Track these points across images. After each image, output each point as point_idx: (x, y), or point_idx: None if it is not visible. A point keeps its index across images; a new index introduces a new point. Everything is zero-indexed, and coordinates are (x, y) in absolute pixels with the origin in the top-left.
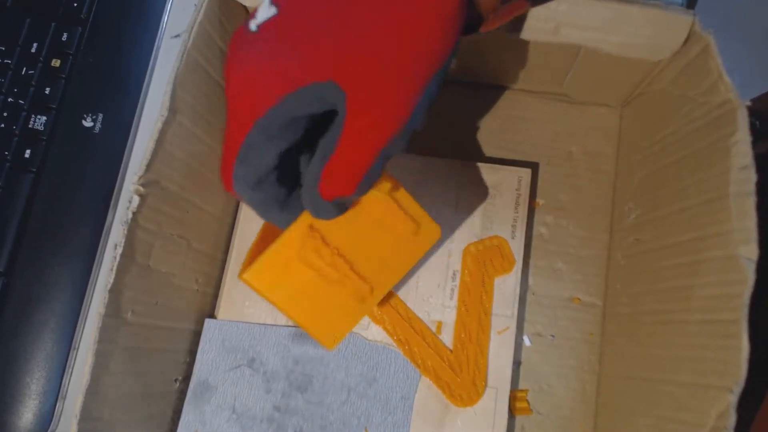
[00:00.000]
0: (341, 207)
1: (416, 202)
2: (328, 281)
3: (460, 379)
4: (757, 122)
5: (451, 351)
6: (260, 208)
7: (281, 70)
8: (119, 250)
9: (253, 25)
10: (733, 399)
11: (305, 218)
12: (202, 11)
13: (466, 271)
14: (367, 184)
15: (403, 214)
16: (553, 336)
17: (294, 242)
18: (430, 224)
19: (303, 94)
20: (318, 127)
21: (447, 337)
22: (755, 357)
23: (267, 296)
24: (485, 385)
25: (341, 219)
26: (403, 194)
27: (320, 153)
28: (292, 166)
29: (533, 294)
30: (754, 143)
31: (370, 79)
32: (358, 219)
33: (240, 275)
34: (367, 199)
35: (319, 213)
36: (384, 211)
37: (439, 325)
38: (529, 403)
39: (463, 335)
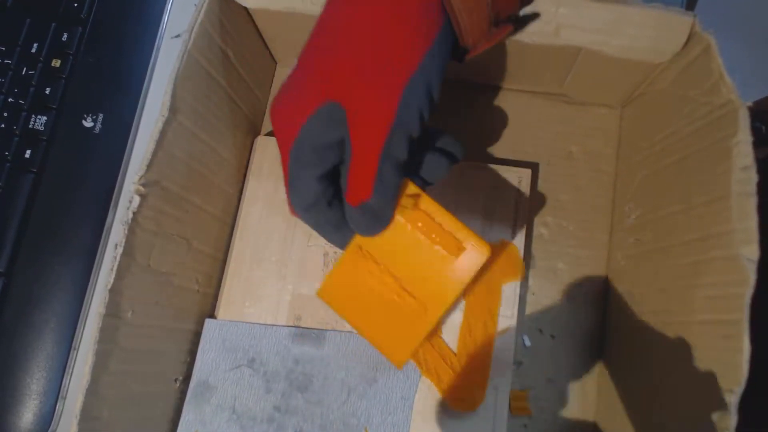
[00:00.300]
0: (374, 217)
1: (460, 223)
2: (383, 299)
3: (462, 384)
4: (763, 127)
5: (454, 354)
6: (318, 230)
7: (295, 102)
8: (119, 250)
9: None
10: (734, 399)
11: (356, 240)
12: (202, 12)
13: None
14: (383, 188)
15: (443, 232)
16: (553, 336)
17: (347, 262)
18: (478, 242)
19: (314, 121)
20: None
21: (447, 337)
22: (756, 357)
23: (338, 312)
24: (486, 392)
25: (387, 239)
26: (444, 215)
27: (344, 167)
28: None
29: (533, 294)
30: (758, 147)
31: (356, 90)
32: (401, 239)
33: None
34: (407, 219)
35: (353, 222)
36: (425, 231)
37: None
38: (529, 403)
39: (468, 340)
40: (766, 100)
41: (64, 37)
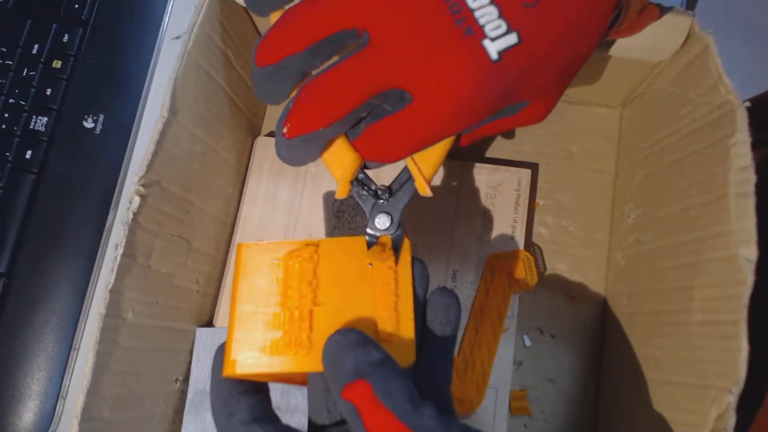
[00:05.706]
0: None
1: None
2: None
3: (463, 384)
4: None
5: (457, 354)
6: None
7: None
8: (120, 251)
9: None
10: (732, 400)
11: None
12: (202, 13)
13: (489, 276)
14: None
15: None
16: (553, 336)
17: None
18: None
19: None
20: None
21: None
22: (755, 358)
23: None
24: (485, 393)
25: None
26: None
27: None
28: None
29: (533, 294)
30: (756, 148)
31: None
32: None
33: None
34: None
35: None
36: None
37: None
38: (529, 403)
39: (473, 341)
40: (762, 96)
41: (65, 38)
